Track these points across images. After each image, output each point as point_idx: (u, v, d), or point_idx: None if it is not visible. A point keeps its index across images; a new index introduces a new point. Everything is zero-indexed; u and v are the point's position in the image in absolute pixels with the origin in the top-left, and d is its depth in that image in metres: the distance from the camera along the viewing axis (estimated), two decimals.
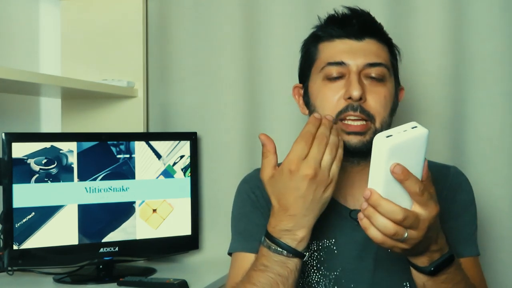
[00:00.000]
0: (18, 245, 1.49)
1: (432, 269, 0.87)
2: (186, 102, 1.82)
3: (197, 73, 1.80)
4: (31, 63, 1.87)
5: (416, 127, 0.78)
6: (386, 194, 0.78)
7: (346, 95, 1.03)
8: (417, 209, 0.80)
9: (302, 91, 1.15)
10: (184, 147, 1.72)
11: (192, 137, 1.74)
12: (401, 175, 0.77)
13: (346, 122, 1.03)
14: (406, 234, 0.79)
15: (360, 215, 0.81)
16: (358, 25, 1.07)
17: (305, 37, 1.68)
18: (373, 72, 1.05)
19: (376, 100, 1.04)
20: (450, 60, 1.59)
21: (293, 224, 0.91)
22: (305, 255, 0.94)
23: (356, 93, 1.01)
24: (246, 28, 1.76)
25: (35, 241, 1.51)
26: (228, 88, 1.77)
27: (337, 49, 1.07)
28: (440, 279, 0.88)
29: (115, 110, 1.83)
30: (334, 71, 1.05)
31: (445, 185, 1.12)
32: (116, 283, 1.51)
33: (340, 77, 1.05)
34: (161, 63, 1.85)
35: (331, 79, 1.06)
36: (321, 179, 0.91)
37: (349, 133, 1.03)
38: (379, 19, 1.57)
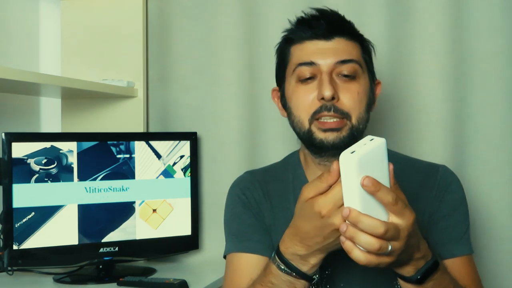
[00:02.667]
0: (18, 245, 1.49)
1: (419, 277, 0.86)
2: (186, 102, 1.82)
3: (197, 73, 1.80)
4: (31, 63, 1.87)
5: (373, 139, 0.80)
6: (363, 209, 0.77)
7: (319, 96, 1.05)
8: (394, 219, 0.79)
9: (279, 94, 1.17)
10: (184, 147, 1.72)
11: (192, 137, 1.74)
12: (372, 187, 0.76)
13: (321, 120, 1.05)
14: (390, 247, 0.78)
15: (342, 238, 0.78)
16: (326, 25, 1.08)
17: None
18: (344, 69, 1.06)
19: (349, 98, 1.05)
20: (450, 60, 1.59)
21: (307, 253, 0.88)
22: (315, 278, 0.92)
23: (327, 93, 1.03)
24: (246, 28, 1.76)
25: (35, 241, 1.51)
26: (228, 88, 1.77)
27: (307, 50, 1.08)
28: (428, 286, 0.88)
29: (115, 110, 1.83)
30: (305, 71, 1.07)
31: (434, 184, 1.12)
32: (116, 283, 1.51)
33: (312, 78, 1.07)
34: (161, 63, 1.85)
35: (303, 80, 1.07)
36: None
37: (325, 130, 1.04)
38: (379, 19, 1.58)
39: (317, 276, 0.92)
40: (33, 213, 1.51)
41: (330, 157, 1.08)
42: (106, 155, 1.61)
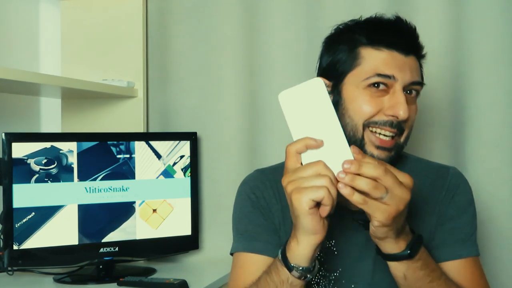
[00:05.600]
0: (18, 245, 1.49)
1: (409, 251, 0.90)
2: (186, 102, 1.82)
3: (197, 73, 1.80)
4: (31, 63, 1.87)
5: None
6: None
7: (390, 112, 1.01)
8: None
9: (329, 89, 1.10)
10: (184, 147, 1.72)
11: (192, 137, 1.74)
12: (360, 154, 0.81)
13: (376, 135, 1.02)
14: (386, 192, 0.81)
15: (340, 185, 0.81)
16: (407, 39, 1.05)
17: (305, 37, 1.70)
18: (414, 90, 1.05)
19: (411, 118, 1.05)
20: (450, 60, 1.59)
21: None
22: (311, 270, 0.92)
23: (404, 114, 1.00)
24: (246, 28, 1.76)
25: (35, 241, 1.51)
26: (228, 88, 1.77)
27: (387, 61, 1.02)
28: (418, 265, 0.91)
29: (115, 110, 1.83)
30: (381, 82, 1.02)
31: (444, 186, 1.12)
32: (116, 283, 1.51)
33: (383, 88, 1.02)
34: (161, 63, 1.85)
35: (374, 88, 1.02)
36: None
37: (378, 148, 1.02)
38: None
39: (315, 266, 0.93)
40: (33, 213, 1.51)
41: None
42: (106, 155, 1.61)
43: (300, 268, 0.89)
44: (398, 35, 1.04)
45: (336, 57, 1.08)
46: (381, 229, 0.85)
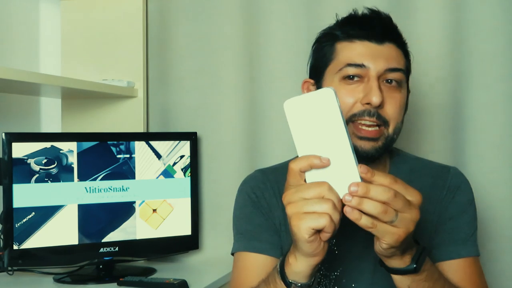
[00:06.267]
0: (18, 245, 1.49)
1: (415, 266, 0.86)
2: (186, 102, 1.82)
3: (197, 73, 1.80)
4: (31, 63, 1.87)
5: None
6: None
7: (364, 100, 1.02)
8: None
9: (313, 88, 1.13)
10: (184, 147, 1.72)
11: (192, 137, 1.74)
12: (368, 174, 0.74)
13: (359, 126, 1.02)
14: (396, 215, 0.76)
15: (347, 208, 0.76)
16: (380, 28, 1.05)
17: (305, 37, 1.70)
18: (392, 77, 1.04)
19: (393, 107, 1.04)
20: (450, 60, 1.59)
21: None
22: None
23: (377, 100, 1.00)
24: (246, 28, 1.76)
25: (35, 241, 1.51)
26: (228, 88, 1.77)
27: (358, 50, 1.04)
28: (422, 277, 0.88)
29: (115, 110, 1.83)
30: (353, 72, 1.03)
31: (444, 186, 1.12)
32: (116, 283, 1.51)
33: (357, 80, 1.04)
34: (161, 63, 1.85)
35: (349, 81, 1.04)
36: None
37: (361, 138, 1.02)
38: None
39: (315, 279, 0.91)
40: (33, 213, 1.51)
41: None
42: (106, 155, 1.61)
43: (299, 284, 0.86)
44: (370, 26, 1.06)
45: (317, 56, 1.12)
46: (389, 250, 0.82)
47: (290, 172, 0.79)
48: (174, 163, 1.70)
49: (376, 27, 1.05)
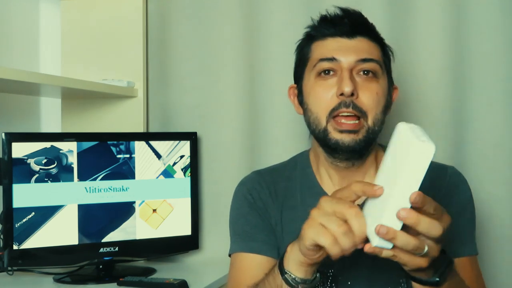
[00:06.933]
0: (18, 245, 1.49)
1: (437, 279, 0.84)
2: (186, 102, 1.82)
3: (197, 73, 1.80)
4: (31, 63, 1.87)
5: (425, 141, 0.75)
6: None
7: (338, 92, 1.04)
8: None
9: (296, 91, 1.17)
10: (184, 147, 1.72)
11: (192, 137, 1.74)
12: (420, 203, 0.73)
13: (339, 120, 1.04)
14: (426, 248, 0.75)
15: (377, 249, 0.74)
16: (349, 23, 1.09)
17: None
18: (365, 67, 1.06)
19: (368, 96, 1.05)
20: (450, 60, 1.59)
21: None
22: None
23: (347, 89, 1.02)
24: (246, 28, 1.76)
25: (35, 241, 1.51)
26: (228, 88, 1.77)
27: (329, 46, 1.09)
28: (444, 287, 0.86)
29: (115, 110, 1.83)
30: (325, 66, 1.07)
31: (443, 184, 1.12)
32: (116, 283, 1.51)
33: (332, 74, 1.07)
34: (161, 63, 1.85)
35: (323, 76, 1.07)
36: None
37: (341, 131, 1.04)
38: (379, 19, 1.58)
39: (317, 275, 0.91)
40: (33, 213, 1.51)
41: (343, 159, 1.08)
42: (106, 155, 1.61)
43: (293, 276, 0.86)
44: (339, 22, 1.10)
45: (297, 59, 1.17)
46: (413, 271, 0.81)
47: (348, 187, 0.79)
48: (174, 163, 1.70)
49: (346, 23, 1.09)
